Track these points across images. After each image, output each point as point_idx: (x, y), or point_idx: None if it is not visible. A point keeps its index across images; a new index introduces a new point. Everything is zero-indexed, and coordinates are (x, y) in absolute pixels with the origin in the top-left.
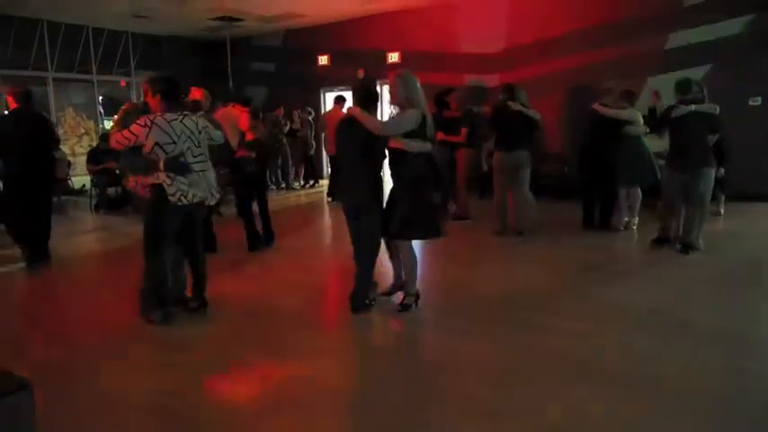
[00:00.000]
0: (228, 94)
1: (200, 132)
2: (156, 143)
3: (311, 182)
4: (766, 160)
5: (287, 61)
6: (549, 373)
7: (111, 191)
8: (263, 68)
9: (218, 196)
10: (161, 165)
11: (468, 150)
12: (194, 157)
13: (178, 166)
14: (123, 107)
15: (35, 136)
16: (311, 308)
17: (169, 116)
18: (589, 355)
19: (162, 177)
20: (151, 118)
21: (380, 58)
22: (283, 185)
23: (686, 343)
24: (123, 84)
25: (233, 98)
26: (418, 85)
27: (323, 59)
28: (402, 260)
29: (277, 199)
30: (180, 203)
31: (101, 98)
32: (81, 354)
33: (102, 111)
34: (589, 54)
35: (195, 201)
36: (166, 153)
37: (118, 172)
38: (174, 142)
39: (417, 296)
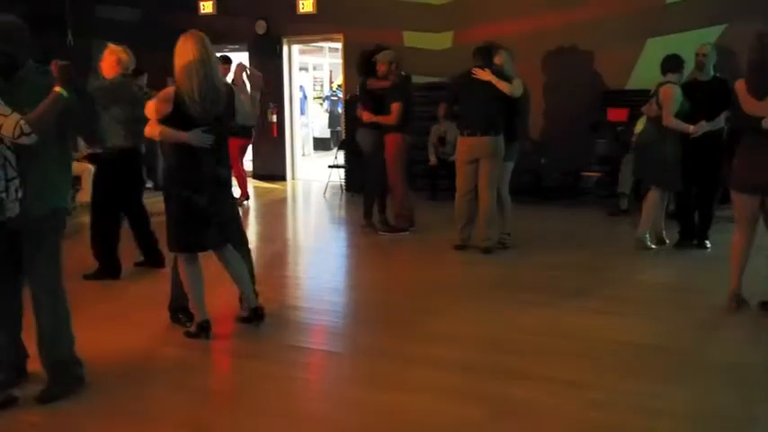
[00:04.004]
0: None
1: None
2: None
3: None
4: None
5: (154, 7)
6: None
7: None
8: (117, 17)
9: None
10: None
11: (400, 135)
12: None
13: None
14: None
15: None
16: (202, 363)
17: None
18: (588, 412)
19: None
20: None
21: (289, 6)
22: (151, 185)
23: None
24: None
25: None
26: (196, 49)
27: (206, 6)
28: None
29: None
30: None
31: None
32: None
33: None
34: (571, 9)
35: None
36: None
37: None
38: None
39: (202, 327)
